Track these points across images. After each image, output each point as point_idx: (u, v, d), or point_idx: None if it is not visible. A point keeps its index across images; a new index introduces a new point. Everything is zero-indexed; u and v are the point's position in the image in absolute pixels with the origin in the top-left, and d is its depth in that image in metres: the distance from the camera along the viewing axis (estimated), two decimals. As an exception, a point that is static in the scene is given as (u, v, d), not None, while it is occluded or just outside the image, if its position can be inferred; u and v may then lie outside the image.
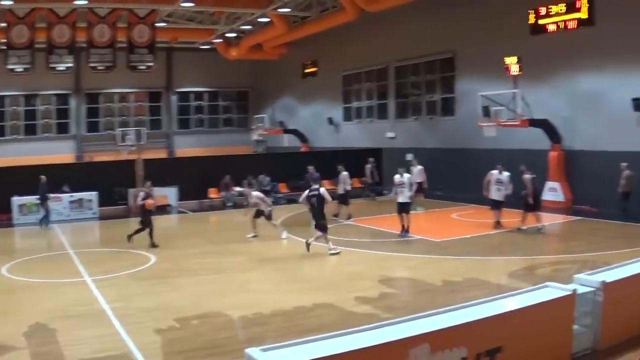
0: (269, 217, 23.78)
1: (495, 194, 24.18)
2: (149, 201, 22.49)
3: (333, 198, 23.23)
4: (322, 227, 20.42)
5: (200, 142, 57.62)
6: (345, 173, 28.14)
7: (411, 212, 23.50)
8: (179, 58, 57.47)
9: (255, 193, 24.51)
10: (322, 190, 20.87)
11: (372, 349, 7.97)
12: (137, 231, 22.45)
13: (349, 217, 27.39)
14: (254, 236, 23.87)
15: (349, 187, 28.26)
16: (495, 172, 24.32)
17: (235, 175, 34.08)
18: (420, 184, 28.84)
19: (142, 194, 22.80)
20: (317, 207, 20.62)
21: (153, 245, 22.02)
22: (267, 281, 17.49)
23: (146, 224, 22.38)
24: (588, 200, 28.00)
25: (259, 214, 23.87)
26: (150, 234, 22.30)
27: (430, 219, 22.81)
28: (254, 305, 14.36)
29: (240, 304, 14.53)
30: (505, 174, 24.09)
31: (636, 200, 25.39)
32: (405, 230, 22.89)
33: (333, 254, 19.94)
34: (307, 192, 21.15)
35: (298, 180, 35.25)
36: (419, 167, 29.88)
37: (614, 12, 27.22)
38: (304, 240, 20.66)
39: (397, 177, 23.24)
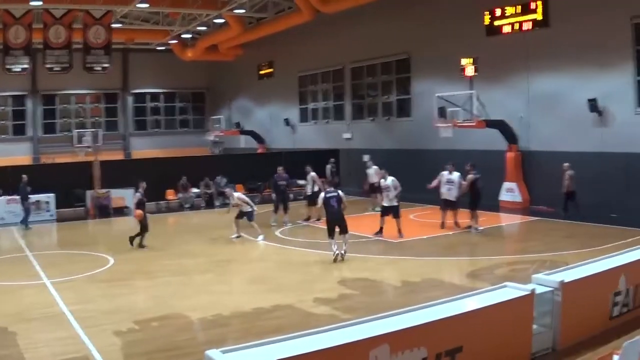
0: (251, 218, 23.65)
1: (446, 194, 24.37)
2: (138, 212, 22.40)
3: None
4: (346, 229, 19.58)
5: (156, 144, 57.19)
6: (313, 173, 28.07)
7: (370, 211, 23.46)
8: (134, 59, 57.06)
9: (237, 194, 24.47)
10: (341, 192, 19.82)
11: (332, 350, 7.99)
12: (137, 235, 22.38)
13: (318, 219, 26.65)
14: (238, 237, 23.69)
15: (316, 188, 27.75)
16: (445, 172, 24.53)
17: (192, 176, 34.06)
18: (373, 184, 29.04)
19: (138, 195, 22.59)
20: (337, 209, 19.47)
21: (141, 246, 22.14)
22: (226, 283, 17.52)
23: (144, 227, 22.32)
24: (545, 201, 28.21)
25: (241, 215, 23.73)
26: (142, 235, 22.29)
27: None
28: (213, 307, 14.35)
29: (200, 305, 14.51)
30: (456, 174, 24.25)
31: (593, 200, 25.74)
32: (379, 232, 22.91)
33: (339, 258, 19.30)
34: (322, 194, 20.08)
35: (256, 182, 35.25)
36: (375, 167, 29.86)
37: (568, 13, 27.54)
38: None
39: (382, 181, 23.36)
